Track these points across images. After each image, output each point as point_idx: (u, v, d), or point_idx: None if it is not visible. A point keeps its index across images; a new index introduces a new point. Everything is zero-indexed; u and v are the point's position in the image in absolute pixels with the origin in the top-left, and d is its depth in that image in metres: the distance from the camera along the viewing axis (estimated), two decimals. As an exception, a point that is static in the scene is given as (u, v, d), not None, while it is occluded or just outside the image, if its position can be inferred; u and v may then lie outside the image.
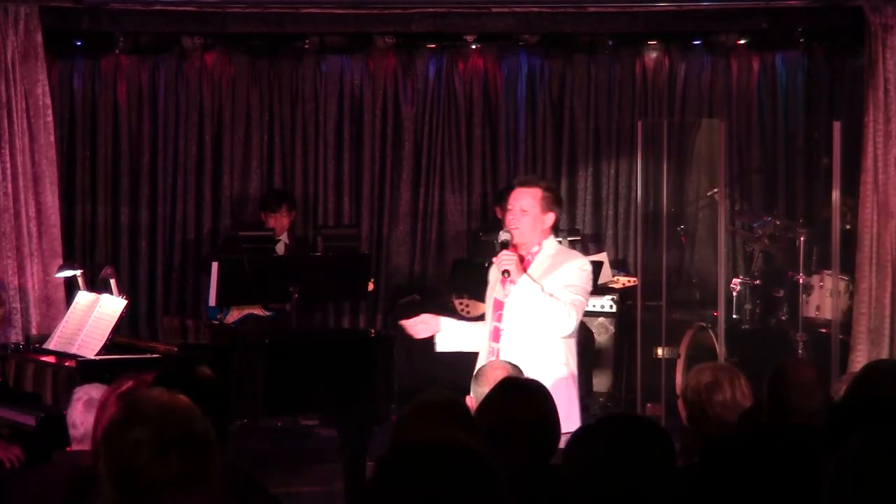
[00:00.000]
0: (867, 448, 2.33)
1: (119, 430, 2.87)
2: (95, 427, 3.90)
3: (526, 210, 5.50)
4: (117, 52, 9.39)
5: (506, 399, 3.74)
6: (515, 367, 4.62)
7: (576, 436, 2.84)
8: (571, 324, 5.41)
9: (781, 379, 3.98)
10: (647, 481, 2.71)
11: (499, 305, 5.54)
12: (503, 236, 5.49)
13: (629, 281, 9.12)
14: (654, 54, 9.93)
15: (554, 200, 5.55)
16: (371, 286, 8.69)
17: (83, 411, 4.14)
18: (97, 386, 4.41)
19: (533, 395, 3.76)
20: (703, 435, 4.21)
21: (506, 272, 5.38)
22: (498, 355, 5.40)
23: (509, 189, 9.14)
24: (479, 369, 4.56)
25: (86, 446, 4.11)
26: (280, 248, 8.88)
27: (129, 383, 3.91)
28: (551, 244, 5.57)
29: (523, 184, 5.64)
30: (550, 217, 5.54)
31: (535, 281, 5.40)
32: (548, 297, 5.37)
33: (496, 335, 5.54)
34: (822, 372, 4.16)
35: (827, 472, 2.35)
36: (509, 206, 5.58)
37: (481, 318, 6.04)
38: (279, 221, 8.98)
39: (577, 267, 5.51)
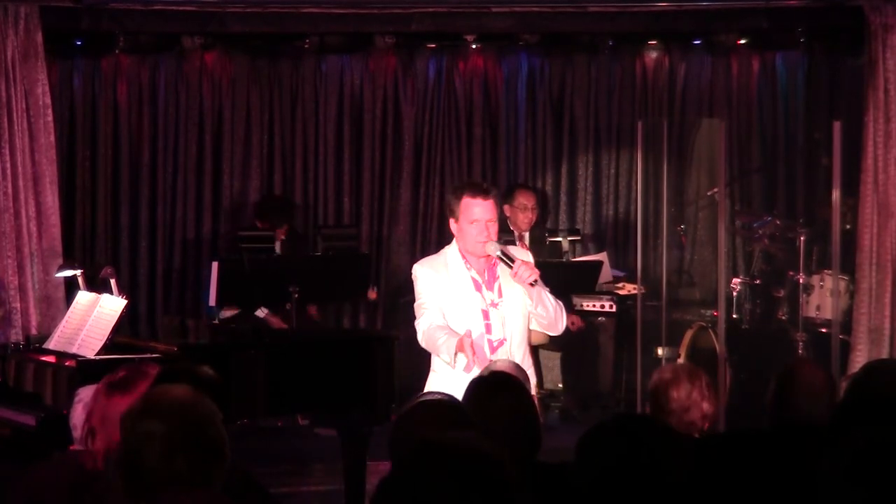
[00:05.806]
0: (865, 448, 2.33)
1: (135, 420, 2.88)
2: (88, 418, 3.86)
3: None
4: (117, 51, 9.39)
5: (479, 398, 3.68)
6: (519, 367, 4.61)
7: (589, 435, 2.80)
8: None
9: (790, 380, 3.97)
10: (664, 482, 2.66)
11: (485, 315, 5.17)
12: (497, 249, 5.15)
13: (634, 289, 9.08)
14: (654, 54, 9.93)
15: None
16: (373, 294, 8.67)
17: (82, 413, 4.13)
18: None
19: (509, 391, 3.72)
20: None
21: (534, 282, 5.05)
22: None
23: (517, 188, 9.20)
24: (486, 368, 4.54)
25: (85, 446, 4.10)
26: (277, 248, 8.88)
27: (122, 374, 3.90)
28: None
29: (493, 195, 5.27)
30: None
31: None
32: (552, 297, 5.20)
33: (490, 347, 5.14)
34: (830, 375, 4.15)
35: (824, 470, 2.35)
36: (488, 217, 5.15)
37: None
38: (275, 230, 8.98)
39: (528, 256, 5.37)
